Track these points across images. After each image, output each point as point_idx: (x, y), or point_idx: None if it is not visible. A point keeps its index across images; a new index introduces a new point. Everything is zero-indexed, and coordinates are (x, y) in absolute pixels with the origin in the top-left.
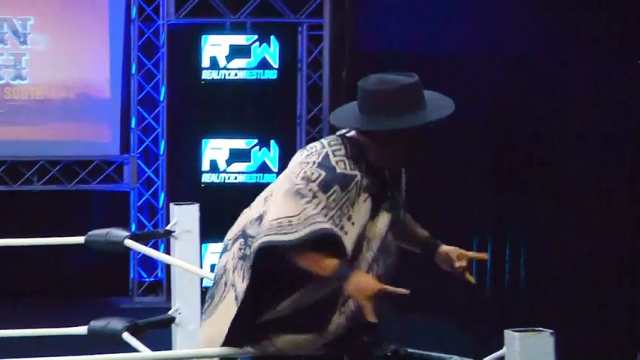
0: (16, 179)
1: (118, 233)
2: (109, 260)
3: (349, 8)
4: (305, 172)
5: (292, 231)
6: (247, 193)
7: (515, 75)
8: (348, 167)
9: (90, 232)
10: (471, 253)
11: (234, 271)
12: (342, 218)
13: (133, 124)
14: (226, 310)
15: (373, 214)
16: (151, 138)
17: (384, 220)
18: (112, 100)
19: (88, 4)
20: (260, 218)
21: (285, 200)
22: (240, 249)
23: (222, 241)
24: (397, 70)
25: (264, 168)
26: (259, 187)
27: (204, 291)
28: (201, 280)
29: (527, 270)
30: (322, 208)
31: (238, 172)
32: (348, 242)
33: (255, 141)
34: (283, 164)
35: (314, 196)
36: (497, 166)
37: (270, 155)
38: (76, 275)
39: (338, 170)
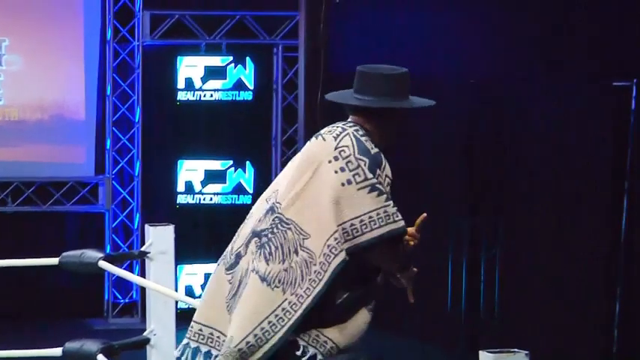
0: None
1: (92, 254)
2: (83, 281)
3: (324, 30)
4: (350, 162)
5: (377, 226)
6: (223, 214)
7: (488, 97)
8: (372, 145)
9: (64, 254)
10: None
11: (252, 262)
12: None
13: (108, 145)
14: (251, 291)
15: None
16: (126, 159)
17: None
18: (86, 121)
19: (63, 26)
20: (272, 210)
21: (355, 197)
22: (256, 245)
23: (197, 262)
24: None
25: (239, 189)
26: (235, 209)
27: (179, 313)
28: (176, 302)
29: (502, 291)
30: (387, 198)
31: (214, 193)
32: None
33: (231, 162)
34: (258, 185)
35: (374, 187)
36: (471, 187)
37: (246, 176)
38: (50, 296)
39: (372, 151)
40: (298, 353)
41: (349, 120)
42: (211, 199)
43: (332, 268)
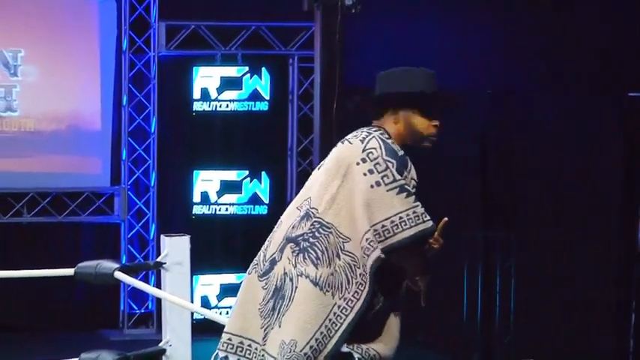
0: (5, 211)
1: (107, 265)
2: (99, 292)
3: (340, 41)
4: (379, 163)
5: (407, 226)
6: (238, 224)
7: (501, 109)
8: (397, 147)
9: (80, 264)
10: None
11: (295, 267)
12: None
13: (123, 156)
14: (306, 295)
15: None
16: (142, 169)
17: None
18: (102, 132)
19: (78, 36)
20: (308, 215)
21: (384, 198)
22: (293, 251)
23: (212, 273)
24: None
25: (255, 199)
26: (250, 219)
27: (194, 323)
28: (192, 312)
29: (517, 303)
30: (416, 199)
31: (229, 204)
32: None
33: (246, 172)
34: (274, 196)
35: (403, 188)
36: (484, 200)
37: (261, 187)
38: (65, 307)
39: (399, 153)
40: None
41: (373, 125)
42: (227, 210)
43: (368, 270)
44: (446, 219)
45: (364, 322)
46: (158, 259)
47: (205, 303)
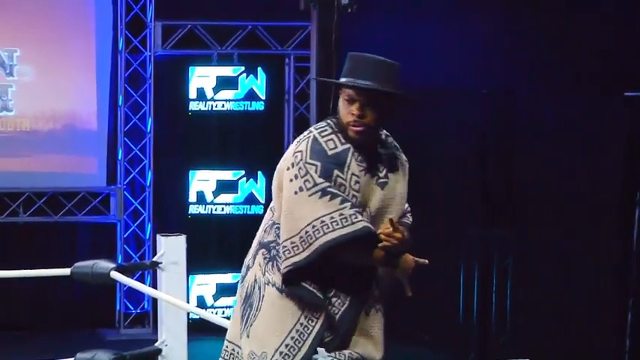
0: (1, 211)
1: (104, 265)
2: (95, 292)
3: (336, 40)
4: (301, 168)
5: (330, 230)
6: (234, 224)
7: (499, 108)
8: (338, 143)
9: (76, 264)
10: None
11: (264, 274)
12: (357, 196)
13: (119, 156)
14: (272, 303)
15: (370, 184)
16: (138, 169)
17: (376, 195)
18: (98, 132)
19: (74, 36)
20: (274, 222)
21: (306, 204)
22: (264, 257)
23: (208, 273)
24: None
25: (251, 199)
26: (246, 219)
27: (190, 323)
28: (188, 312)
29: (514, 302)
30: (343, 200)
31: (225, 204)
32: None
33: (242, 172)
34: (270, 195)
35: (325, 191)
36: (482, 199)
37: (257, 186)
38: (61, 307)
39: (329, 152)
40: None
41: (334, 115)
42: (223, 210)
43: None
44: (391, 217)
45: (332, 325)
46: (154, 259)
47: (201, 303)
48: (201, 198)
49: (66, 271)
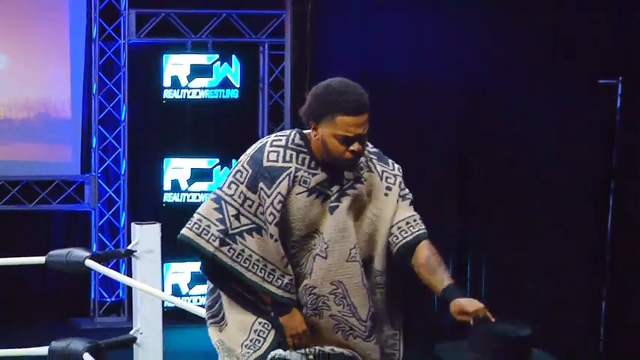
0: None
1: (78, 253)
2: (69, 280)
3: (311, 28)
4: (238, 169)
5: (197, 231)
6: None
7: (475, 100)
8: (280, 159)
9: (50, 253)
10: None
11: None
12: (275, 215)
13: (94, 144)
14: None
15: (318, 209)
16: (112, 157)
17: (333, 216)
18: (72, 120)
19: (48, 24)
20: None
21: (209, 198)
22: None
23: (183, 261)
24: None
25: None
26: None
27: (165, 311)
28: (163, 301)
29: (488, 291)
30: (222, 220)
31: (200, 192)
32: (282, 233)
33: (217, 160)
34: None
35: (218, 200)
36: (458, 189)
37: None
38: (36, 296)
39: (265, 164)
40: None
41: (301, 129)
42: (198, 198)
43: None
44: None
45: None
46: (129, 247)
47: (176, 291)
48: (175, 186)
49: (41, 260)
